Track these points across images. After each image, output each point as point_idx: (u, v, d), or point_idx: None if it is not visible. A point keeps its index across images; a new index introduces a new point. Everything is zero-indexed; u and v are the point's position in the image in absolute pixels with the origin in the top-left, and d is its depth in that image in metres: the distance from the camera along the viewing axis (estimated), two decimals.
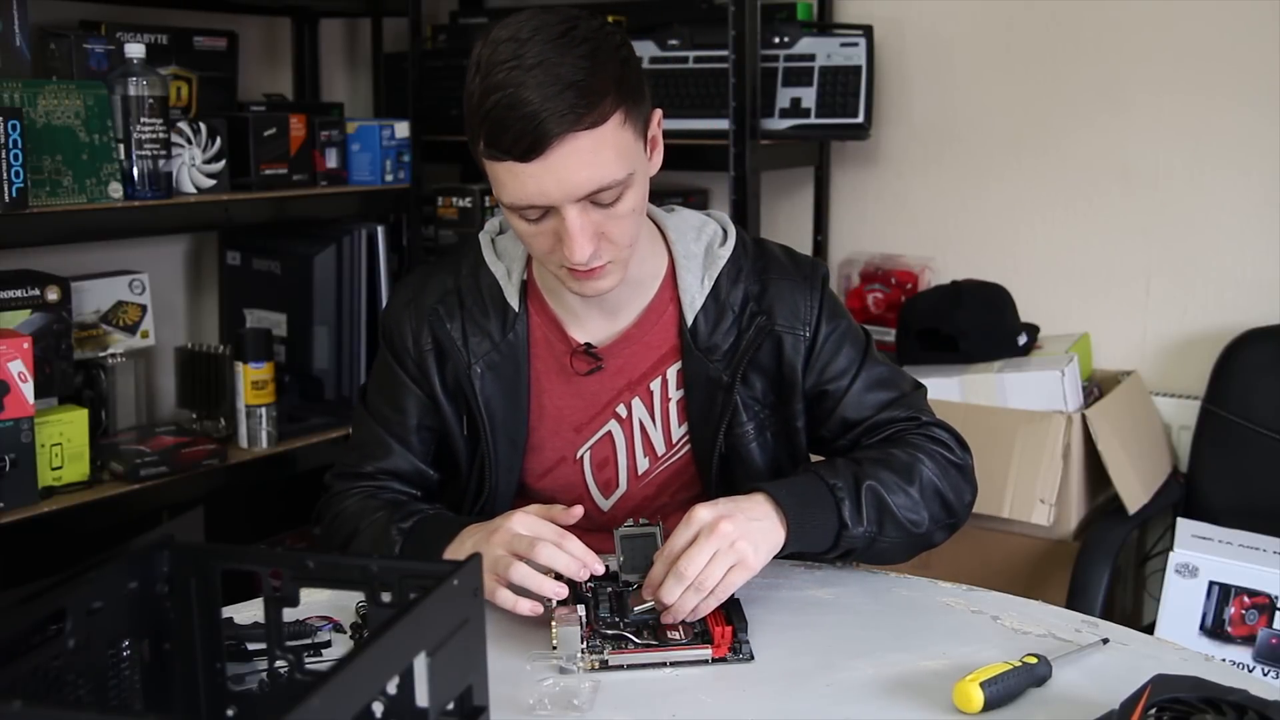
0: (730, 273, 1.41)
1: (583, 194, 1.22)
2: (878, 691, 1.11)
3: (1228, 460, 2.31)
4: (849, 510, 1.30)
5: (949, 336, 2.43)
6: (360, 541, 1.38)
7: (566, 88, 1.18)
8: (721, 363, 1.39)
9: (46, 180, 1.96)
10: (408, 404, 1.45)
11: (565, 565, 1.20)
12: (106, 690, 0.91)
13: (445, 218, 2.68)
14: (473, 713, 0.88)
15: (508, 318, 1.41)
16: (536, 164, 1.20)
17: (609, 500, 1.47)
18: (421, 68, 2.62)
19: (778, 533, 1.25)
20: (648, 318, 1.42)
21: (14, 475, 1.91)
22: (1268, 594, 1.95)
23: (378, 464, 1.45)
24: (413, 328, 1.44)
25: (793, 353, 1.40)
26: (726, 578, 1.20)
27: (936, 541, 1.39)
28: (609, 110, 1.21)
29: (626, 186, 1.25)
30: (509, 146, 1.20)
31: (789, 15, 2.64)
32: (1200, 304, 2.48)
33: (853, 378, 1.42)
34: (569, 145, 1.20)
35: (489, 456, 1.42)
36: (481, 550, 1.24)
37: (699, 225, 1.45)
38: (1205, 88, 2.43)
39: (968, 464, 1.41)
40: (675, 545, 1.21)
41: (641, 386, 1.43)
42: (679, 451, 1.45)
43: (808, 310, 1.41)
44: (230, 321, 2.58)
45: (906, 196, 2.77)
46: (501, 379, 1.41)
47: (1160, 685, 0.97)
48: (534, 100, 1.18)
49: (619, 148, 1.23)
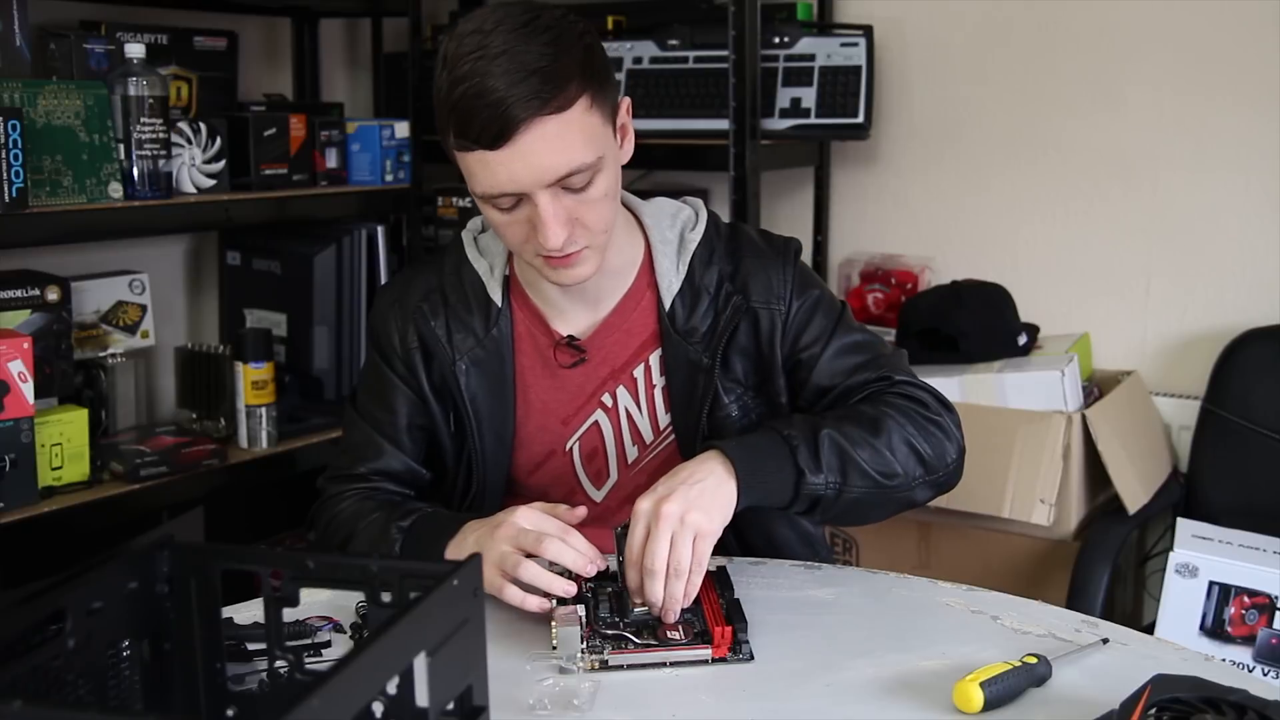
0: (703, 255, 1.42)
1: (553, 178, 1.23)
2: (878, 691, 1.11)
3: (1228, 460, 2.31)
4: (805, 457, 1.26)
5: (949, 336, 2.43)
6: (358, 543, 1.38)
7: (531, 74, 1.20)
8: (700, 345, 1.40)
9: (46, 180, 1.96)
10: (398, 404, 1.45)
11: (573, 560, 1.21)
12: (106, 690, 0.91)
13: (445, 218, 2.68)
14: (473, 713, 0.88)
15: (491, 313, 1.42)
16: (505, 150, 1.21)
17: (601, 491, 1.47)
18: (421, 68, 2.62)
19: (726, 486, 1.23)
20: (626, 305, 1.43)
21: (14, 475, 1.91)
22: (1268, 594, 1.95)
23: (370, 465, 1.45)
24: (398, 327, 1.44)
25: (769, 328, 1.41)
26: (696, 551, 1.19)
27: (920, 499, 1.35)
28: (575, 94, 1.22)
29: (597, 170, 1.26)
30: (477, 135, 1.21)
31: (789, 15, 2.64)
32: (1200, 304, 2.48)
33: (824, 344, 1.41)
34: (536, 130, 1.21)
35: (475, 452, 1.43)
36: (485, 546, 1.24)
37: (674, 212, 1.46)
38: (1205, 87, 2.43)
39: (945, 420, 1.37)
40: (634, 547, 1.21)
41: (625, 374, 1.43)
42: (667, 438, 1.45)
43: (780, 284, 1.41)
44: (230, 321, 2.58)
45: (906, 196, 2.77)
46: (486, 374, 1.42)
47: (1160, 685, 0.97)
48: (499, 88, 1.19)
49: (586, 132, 1.24)
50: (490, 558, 1.23)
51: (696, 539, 1.20)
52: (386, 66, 2.87)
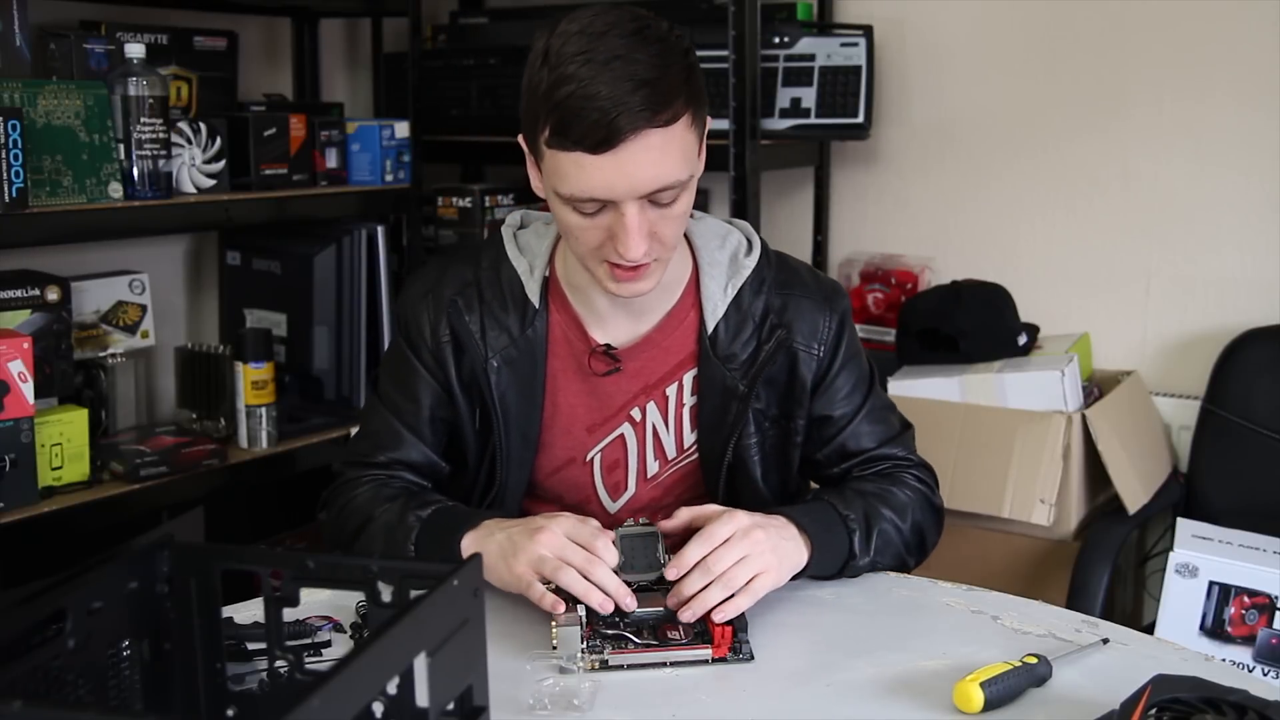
0: (753, 283, 1.42)
1: (647, 190, 1.23)
2: (878, 691, 1.11)
3: (1228, 460, 2.31)
4: (859, 541, 1.34)
5: (949, 336, 2.43)
6: (374, 528, 1.37)
7: (642, 84, 1.19)
8: (738, 372, 1.40)
9: (46, 180, 1.96)
10: (422, 394, 1.44)
11: (615, 590, 1.21)
12: (106, 690, 0.91)
13: (445, 218, 2.68)
14: (473, 713, 0.88)
15: (527, 313, 1.41)
16: (606, 157, 1.21)
17: (617, 503, 1.47)
18: (421, 68, 2.62)
19: (801, 554, 1.29)
20: (669, 322, 1.42)
21: (14, 475, 1.91)
22: (1268, 594, 1.95)
23: (390, 454, 1.44)
24: (430, 318, 1.43)
25: (805, 370, 1.42)
26: (753, 582, 1.22)
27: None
28: (680, 111, 1.23)
29: (684, 189, 1.27)
30: (580, 137, 1.20)
31: (789, 15, 2.64)
32: (1200, 304, 2.48)
33: (857, 408, 1.45)
34: (641, 141, 1.20)
35: (501, 451, 1.42)
36: (522, 545, 1.24)
37: (723, 233, 1.45)
38: (1205, 88, 2.43)
39: (941, 502, 1.48)
40: (715, 536, 1.23)
41: (657, 391, 1.43)
42: (690, 456, 1.45)
43: (825, 330, 1.43)
44: (230, 321, 2.58)
45: (906, 196, 2.77)
46: (517, 375, 1.41)
47: (1160, 685, 0.97)
48: (609, 95, 1.19)
49: (685, 149, 1.25)
50: (528, 559, 1.23)
51: (761, 574, 1.23)
52: (386, 66, 2.87)
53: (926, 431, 1.63)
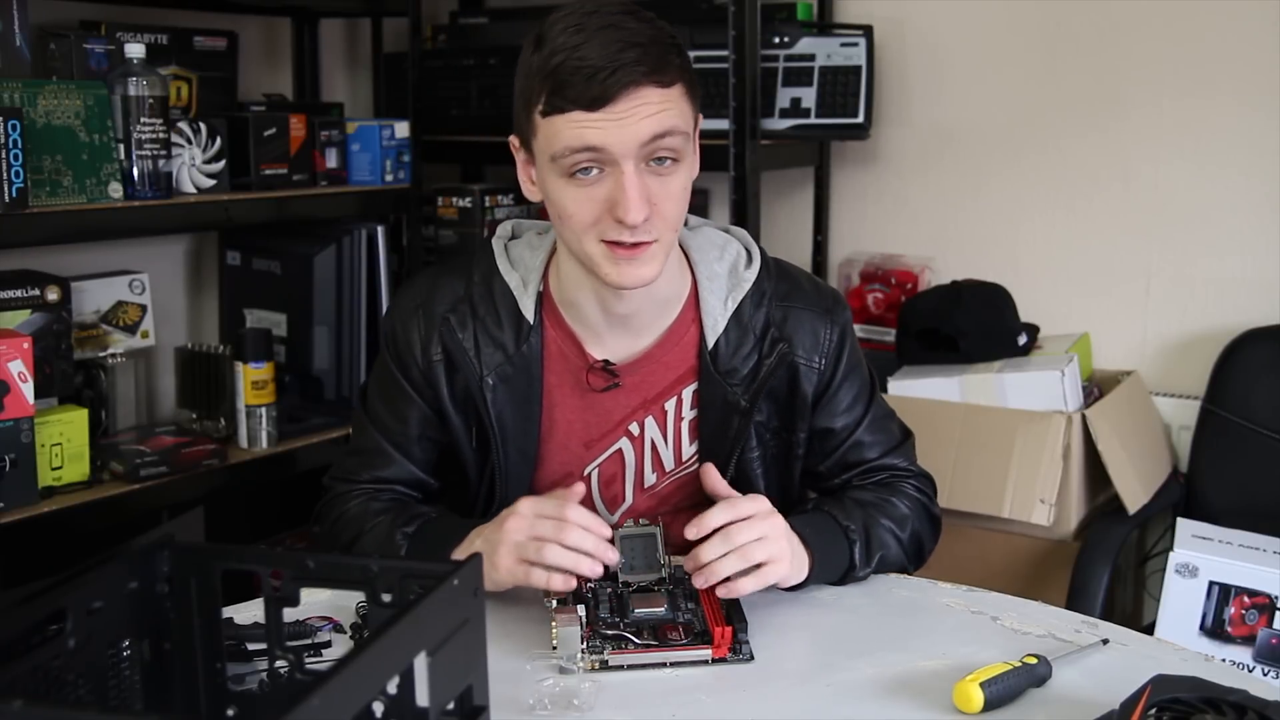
0: (754, 296, 1.40)
1: (646, 138, 1.22)
2: (878, 691, 1.11)
3: (1228, 460, 2.31)
4: (860, 552, 1.35)
5: (949, 336, 2.43)
6: (363, 546, 1.37)
7: (634, 45, 1.21)
8: (740, 387, 1.39)
9: (46, 180, 1.96)
10: (410, 414, 1.42)
11: (593, 547, 1.22)
12: (106, 690, 0.91)
13: (445, 218, 2.68)
14: (473, 713, 0.88)
15: (521, 329, 1.38)
16: (602, 112, 1.21)
17: (613, 515, 1.46)
18: (421, 68, 2.62)
19: (805, 565, 1.30)
20: (669, 339, 1.40)
21: (14, 475, 1.91)
22: (1268, 594, 1.95)
23: (377, 473, 1.44)
24: (421, 335, 1.40)
25: (806, 384, 1.41)
26: (763, 568, 1.23)
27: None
28: (675, 77, 1.24)
29: (682, 155, 1.27)
30: (576, 96, 1.21)
31: (789, 15, 2.64)
32: (1200, 304, 2.48)
33: (859, 420, 1.45)
34: (637, 96, 1.21)
35: (499, 468, 1.40)
36: (497, 541, 1.24)
37: (721, 244, 1.44)
38: (1205, 88, 2.43)
39: (939, 512, 1.49)
40: (740, 509, 1.25)
41: (656, 405, 1.41)
42: (689, 467, 1.44)
43: (826, 343, 1.42)
44: (230, 321, 2.58)
45: (906, 196, 2.77)
46: (513, 391, 1.39)
47: (1160, 685, 0.97)
48: (604, 54, 1.20)
49: (682, 112, 1.26)
50: (507, 550, 1.23)
51: (769, 563, 1.23)
52: (386, 66, 2.87)
53: (926, 432, 1.63)
